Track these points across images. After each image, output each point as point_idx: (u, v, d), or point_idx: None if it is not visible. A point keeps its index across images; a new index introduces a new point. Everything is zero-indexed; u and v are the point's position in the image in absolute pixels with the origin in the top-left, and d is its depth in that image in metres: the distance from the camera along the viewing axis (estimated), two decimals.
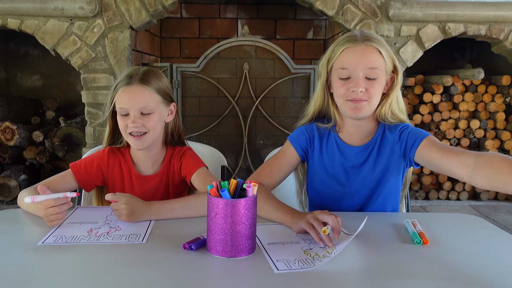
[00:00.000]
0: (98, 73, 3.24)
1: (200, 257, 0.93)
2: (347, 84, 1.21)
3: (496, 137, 3.64)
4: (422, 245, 1.01)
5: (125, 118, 1.28)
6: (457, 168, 1.09)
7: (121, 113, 1.29)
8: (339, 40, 1.26)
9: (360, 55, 1.20)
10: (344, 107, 1.24)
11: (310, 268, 0.88)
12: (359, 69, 1.20)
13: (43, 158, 3.54)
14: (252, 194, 0.95)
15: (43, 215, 1.07)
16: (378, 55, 1.22)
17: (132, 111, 1.27)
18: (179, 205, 1.19)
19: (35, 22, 3.18)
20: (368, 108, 1.23)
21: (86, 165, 1.36)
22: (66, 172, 1.35)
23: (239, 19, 4.22)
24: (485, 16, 3.21)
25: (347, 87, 1.21)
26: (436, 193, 3.67)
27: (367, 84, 1.21)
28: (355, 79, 1.20)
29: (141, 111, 1.27)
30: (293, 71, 3.31)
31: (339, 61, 1.23)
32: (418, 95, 3.63)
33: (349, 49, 1.22)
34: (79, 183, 1.34)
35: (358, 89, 1.20)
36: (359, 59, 1.20)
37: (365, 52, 1.21)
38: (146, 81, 1.29)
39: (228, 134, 3.38)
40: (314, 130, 1.35)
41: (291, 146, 1.35)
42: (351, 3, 3.19)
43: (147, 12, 3.18)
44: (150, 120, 1.28)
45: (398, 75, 1.27)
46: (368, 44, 1.21)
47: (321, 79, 1.31)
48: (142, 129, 1.28)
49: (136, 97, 1.27)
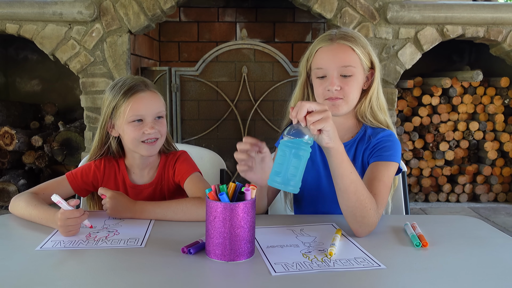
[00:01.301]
0: (97, 77, 3.24)
1: (199, 261, 0.92)
2: (323, 84, 1.24)
3: (495, 139, 3.65)
4: (421, 248, 1.01)
5: (139, 125, 1.28)
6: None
7: (132, 121, 1.28)
8: (317, 39, 1.29)
9: (333, 54, 1.23)
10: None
11: (307, 271, 0.87)
12: (332, 67, 1.22)
13: (42, 162, 3.54)
14: (251, 198, 0.94)
15: (62, 225, 1.06)
16: (351, 53, 1.23)
17: (149, 117, 1.29)
18: (161, 209, 1.20)
19: (34, 27, 3.19)
20: (345, 105, 1.24)
21: (82, 174, 1.36)
22: (61, 178, 1.35)
23: (237, 23, 4.23)
24: (483, 18, 3.22)
25: (324, 87, 1.23)
26: (436, 195, 3.67)
27: (342, 82, 1.22)
28: (329, 78, 1.23)
29: (157, 115, 1.31)
30: (291, 74, 3.31)
31: (315, 61, 1.26)
32: (417, 97, 3.63)
33: (323, 49, 1.25)
34: (75, 191, 1.35)
35: (332, 88, 1.21)
36: (332, 58, 1.23)
37: (338, 50, 1.23)
38: (156, 89, 1.35)
39: (227, 137, 3.38)
40: None
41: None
42: (349, 6, 3.20)
43: (146, 16, 3.18)
44: (163, 125, 1.32)
45: (376, 70, 1.28)
46: (341, 43, 1.23)
47: (301, 79, 1.33)
48: (157, 134, 1.30)
49: (153, 102, 1.30)
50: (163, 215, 1.19)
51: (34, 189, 1.29)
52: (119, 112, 1.29)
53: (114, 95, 1.30)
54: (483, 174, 3.66)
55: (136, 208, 1.21)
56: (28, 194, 1.24)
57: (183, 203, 1.21)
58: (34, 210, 1.16)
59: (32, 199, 1.20)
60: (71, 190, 1.34)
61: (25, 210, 1.18)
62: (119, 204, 1.20)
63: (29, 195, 1.23)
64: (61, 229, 1.06)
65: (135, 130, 1.28)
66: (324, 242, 1.04)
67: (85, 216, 1.08)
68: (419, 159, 3.64)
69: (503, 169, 3.65)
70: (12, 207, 1.22)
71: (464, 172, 3.67)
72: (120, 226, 1.14)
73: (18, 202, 1.21)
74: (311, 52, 1.28)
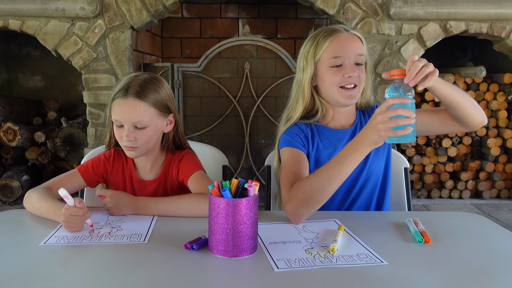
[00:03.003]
0: (100, 73, 3.25)
1: (201, 257, 0.93)
2: (340, 72, 1.27)
3: (498, 135, 3.63)
4: (424, 244, 1.01)
5: (120, 129, 1.28)
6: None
7: (116, 124, 1.29)
8: (318, 34, 1.32)
9: (349, 42, 1.29)
10: (338, 95, 1.29)
11: (310, 267, 0.88)
12: (350, 55, 1.28)
13: (45, 158, 3.55)
14: (254, 194, 0.95)
15: (65, 220, 1.06)
16: (361, 43, 1.32)
17: (126, 125, 1.26)
18: (164, 205, 1.20)
19: (36, 23, 3.19)
20: (358, 93, 1.32)
21: (93, 165, 1.38)
22: (73, 172, 1.37)
23: (240, 19, 4.22)
24: (486, 14, 3.20)
25: (341, 74, 1.27)
26: (438, 192, 3.67)
27: (358, 70, 1.28)
28: (348, 65, 1.27)
29: (135, 125, 1.26)
30: (294, 71, 3.29)
31: (329, 51, 1.29)
32: (420, 93, 3.62)
33: (338, 38, 1.29)
34: (87, 183, 1.37)
35: (354, 74, 1.26)
36: (349, 46, 1.28)
37: (352, 40, 1.30)
38: (142, 94, 1.26)
39: (230, 133, 3.38)
40: (303, 128, 1.34)
41: (295, 149, 1.30)
42: (352, 2, 3.19)
43: (148, 12, 3.18)
44: (144, 135, 1.27)
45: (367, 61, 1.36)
46: (352, 33, 1.31)
47: (307, 74, 1.33)
48: (135, 144, 1.27)
49: (130, 111, 1.25)
50: (165, 210, 1.20)
51: (48, 183, 1.31)
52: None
53: (112, 91, 1.31)
54: (485, 171, 3.65)
55: (138, 204, 1.21)
56: (42, 188, 1.26)
57: (186, 198, 1.21)
58: (45, 203, 1.18)
59: (45, 193, 1.22)
60: (83, 182, 1.36)
61: (38, 202, 1.19)
62: (120, 202, 1.20)
63: (43, 189, 1.26)
64: (64, 224, 1.07)
65: (117, 133, 1.30)
66: (326, 238, 1.04)
67: (88, 215, 1.09)
68: (421, 156, 3.64)
69: (506, 166, 3.65)
70: (26, 199, 1.24)
71: (466, 169, 3.67)
72: (123, 222, 1.15)
73: (32, 194, 1.23)
74: (321, 45, 1.30)
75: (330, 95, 1.31)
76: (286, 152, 1.30)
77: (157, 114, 1.29)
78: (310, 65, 1.32)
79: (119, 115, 1.26)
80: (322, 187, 1.09)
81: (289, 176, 1.21)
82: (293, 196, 1.12)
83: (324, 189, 1.09)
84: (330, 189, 1.10)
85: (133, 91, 1.25)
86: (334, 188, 1.10)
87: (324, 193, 1.10)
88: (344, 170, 1.08)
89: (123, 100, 1.25)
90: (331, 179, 1.09)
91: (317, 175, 1.11)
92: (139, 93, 1.25)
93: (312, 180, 1.11)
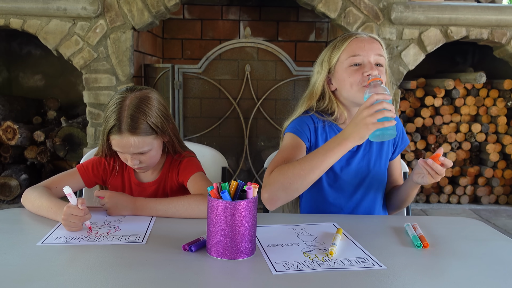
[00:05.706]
0: (100, 73, 3.25)
1: (199, 259, 0.92)
2: (360, 71, 1.25)
3: (497, 141, 3.64)
4: (422, 249, 1.01)
5: (123, 155, 1.30)
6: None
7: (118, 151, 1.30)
8: (336, 40, 1.33)
9: (368, 42, 1.28)
10: (359, 94, 1.25)
11: (308, 270, 0.87)
12: (369, 54, 1.26)
13: (44, 158, 3.54)
14: (253, 196, 0.95)
15: (64, 219, 1.07)
16: (380, 46, 1.31)
17: (128, 156, 1.28)
18: (162, 206, 1.21)
19: (38, 22, 3.19)
20: None
21: (93, 167, 1.37)
22: (72, 171, 1.36)
23: (241, 21, 4.22)
24: (487, 20, 3.21)
25: (360, 73, 1.25)
26: (437, 197, 3.67)
27: (378, 70, 1.26)
28: (368, 64, 1.26)
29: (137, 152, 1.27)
30: (294, 73, 3.31)
31: (348, 51, 1.28)
32: (420, 98, 3.62)
33: (357, 39, 1.29)
34: (85, 184, 1.37)
35: (374, 72, 1.23)
36: (370, 45, 1.27)
37: (372, 41, 1.29)
38: (135, 128, 1.23)
39: (229, 135, 3.38)
40: (316, 121, 1.34)
41: (298, 139, 1.30)
42: (354, 6, 3.19)
43: (150, 13, 3.18)
44: (147, 157, 1.29)
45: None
46: (372, 36, 1.31)
47: (322, 74, 1.34)
48: (141, 165, 1.30)
49: (128, 147, 1.25)
50: (164, 211, 1.20)
51: (47, 182, 1.30)
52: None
53: (104, 121, 1.28)
54: (484, 176, 3.65)
55: (136, 205, 1.21)
56: (42, 187, 1.26)
57: (184, 199, 1.21)
58: (46, 201, 1.18)
59: (46, 192, 1.22)
60: (82, 183, 1.36)
61: (38, 200, 1.19)
62: (119, 202, 1.20)
63: (43, 188, 1.25)
64: (63, 223, 1.07)
65: (121, 156, 1.31)
66: (325, 241, 1.04)
67: (88, 216, 1.09)
68: None
69: (504, 172, 3.65)
70: (25, 197, 1.23)
71: (465, 174, 3.67)
72: (122, 223, 1.15)
73: (32, 192, 1.23)
74: (339, 48, 1.30)
75: (351, 96, 1.28)
76: (288, 138, 1.32)
77: (155, 137, 1.29)
78: (324, 68, 1.33)
79: (119, 148, 1.27)
80: (304, 174, 1.12)
81: (280, 162, 1.20)
82: (274, 180, 1.14)
83: (305, 176, 1.12)
84: (311, 177, 1.13)
85: (126, 126, 1.23)
86: (315, 177, 1.13)
87: (305, 180, 1.13)
88: (326, 161, 1.11)
89: (119, 137, 1.24)
90: (313, 168, 1.12)
91: (301, 163, 1.13)
92: (132, 127, 1.23)
93: (295, 166, 1.13)
